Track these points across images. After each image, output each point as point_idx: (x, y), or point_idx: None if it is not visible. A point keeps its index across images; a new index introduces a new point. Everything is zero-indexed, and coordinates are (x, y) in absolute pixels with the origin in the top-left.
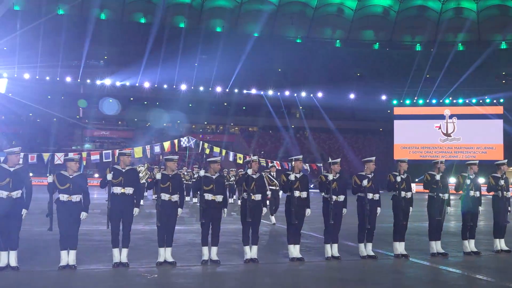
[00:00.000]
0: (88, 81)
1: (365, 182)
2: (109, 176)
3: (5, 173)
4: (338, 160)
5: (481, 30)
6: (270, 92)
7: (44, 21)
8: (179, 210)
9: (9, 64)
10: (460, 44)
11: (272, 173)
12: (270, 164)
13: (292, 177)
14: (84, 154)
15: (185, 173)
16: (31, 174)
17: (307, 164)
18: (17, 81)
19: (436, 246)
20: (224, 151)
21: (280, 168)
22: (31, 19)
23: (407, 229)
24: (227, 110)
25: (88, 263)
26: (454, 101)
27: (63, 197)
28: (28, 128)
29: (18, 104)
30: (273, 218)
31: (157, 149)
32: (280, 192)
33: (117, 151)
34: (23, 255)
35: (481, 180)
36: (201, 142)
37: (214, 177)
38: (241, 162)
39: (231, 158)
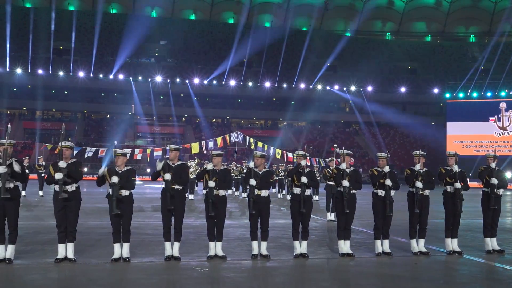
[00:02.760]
0: (140, 78)
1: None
2: (159, 166)
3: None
4: (385, 154)
5: None
6: (319, 87)
7: (97, 22)
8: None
9: (65, 62)
10: None
11: (331, 167)
12: (329, 159)
13: (343, 165)
14: (149, 150)
15: (234, 168)
16: (85, 170)
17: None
18: (71, 79)
19: (492, 243)
20: (266, 146)
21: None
22: (86, 19)
23: (460, 225)
24: (275, 105)
25: (141, 256)
26: (511, 93)
27: None
28: (82, 125)
29: (74, 101)
30: (328, 215)
31: (211, 144)
32: None
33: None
34: (79, 247)
35: None
36: (247, 137)
37: (260, 172)
38: (279, 157)
39: (271, 153)
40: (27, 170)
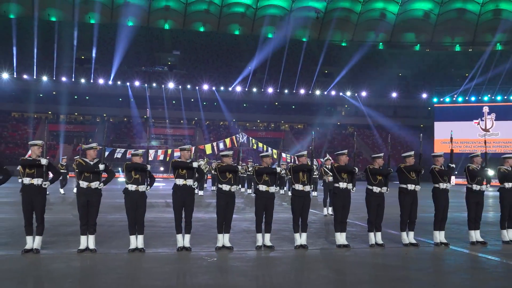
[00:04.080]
0: (154, 84)
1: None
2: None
3: (88, 166)
4: (381, 154)
5: None
6: (317, 92)
7: (115, 34)
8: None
9: (86, 70)
10: (499, 43)
11: (327, 166)
12: (325, 158)
13: (341, 166)
14: (169, 151)
15: (240, 167)
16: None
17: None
18: (92, 85)
19: (475, 235)
20: (265, 147)
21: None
22: (105, 31)
23: (447, 219)
24: (277, 109)
25: (155, 247)
26: (493, 97)
27: (132, 187)
28: (102, 127)
29: (94, 106)
30: (325, 210)
31: (221, 145)
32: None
33: (193, 148)
34: (100, 239)
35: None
36: (250, 138)
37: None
38: (275, 157)
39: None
40: (64, 170)
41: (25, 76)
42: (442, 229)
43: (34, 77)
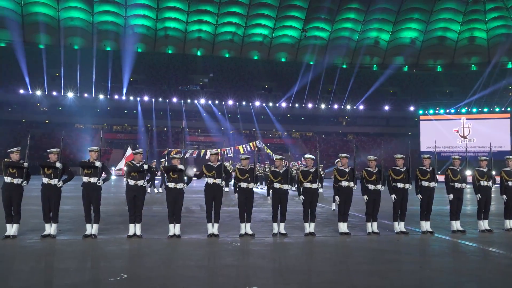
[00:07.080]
0: (189, 100)
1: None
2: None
3: (135, 167)
4: (374, 157)
5: (491, 54)
6: (323, 106)
7: (157, 60)
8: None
9: (134, 90)
10: (473, 65)
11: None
12: (337, 160)
13: (342, 169)
14: (202, 151)
15: (258, 167)
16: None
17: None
18: (139, 102)
19: (456, 225)
20: (271, 152)
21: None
22: (150, 58)
23: (432, 211)
24: (289, 120)
25: (189, 233)
26: (469, 110)
27: (171, 184)
28: (147, 136)
29: (140, 118)
30: (334, 205)
31: (248, 147)
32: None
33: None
34: (145, 227)
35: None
36: (263, 144)
37: (281, 171)
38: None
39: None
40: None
41: (85, 95)
42: (427, 220)
43: (93, 95)
